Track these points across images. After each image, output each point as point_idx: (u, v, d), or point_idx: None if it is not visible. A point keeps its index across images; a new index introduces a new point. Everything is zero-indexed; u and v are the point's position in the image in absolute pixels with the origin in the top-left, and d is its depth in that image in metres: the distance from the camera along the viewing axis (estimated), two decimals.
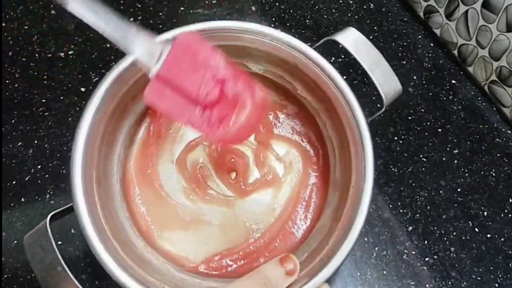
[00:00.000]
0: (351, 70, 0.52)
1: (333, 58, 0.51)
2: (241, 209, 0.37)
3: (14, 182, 0.44)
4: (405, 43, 0.56)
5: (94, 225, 0.29)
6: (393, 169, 0.46)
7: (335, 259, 0.27)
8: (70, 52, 0.52)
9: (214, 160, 0.39)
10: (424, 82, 0.53)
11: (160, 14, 0.58)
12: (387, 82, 0.33)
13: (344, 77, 0.33)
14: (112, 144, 0.37)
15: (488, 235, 0.43)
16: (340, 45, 0.34)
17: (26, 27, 0.54)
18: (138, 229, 0.36)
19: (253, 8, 0.59)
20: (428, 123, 0.50)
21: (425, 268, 0.41)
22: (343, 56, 0.50)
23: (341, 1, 0.60)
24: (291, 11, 0.59)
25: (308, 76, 0.35)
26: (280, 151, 0.40)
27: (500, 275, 0.41)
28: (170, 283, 0.31)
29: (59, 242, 0.40)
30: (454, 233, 0.43)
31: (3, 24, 0.54)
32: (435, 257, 0.42)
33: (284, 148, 0.40)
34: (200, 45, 0.24)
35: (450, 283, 0.40)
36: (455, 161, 0.47)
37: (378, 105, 0.34)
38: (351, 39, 0.34)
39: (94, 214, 0.30)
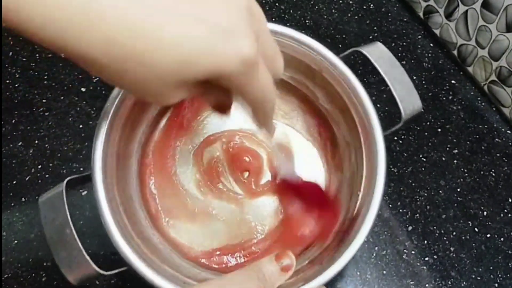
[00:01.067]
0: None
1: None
2: (249, 209, 0.38)
3: (14, 182, 0.44)
4: (404, 43, 0.56)
5: (107, 193, 0.30)
6: (392, 169, 0.46)
7: (336, 265, 0.28)
8: None
9: (230, 156, 0.40)
10: (423, 82, 0.53)
11: None
12: (408, 98, 0.34)
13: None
14: (136, 127, 0.37)
15: (488, 235, 0.43)
16: (363, 58, 0.35)
17: None
18: (147, 212, 0.36)
19: None
20: (428, 123, 0.50)
21: (424, 267, 0.41)
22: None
23: (341, 1, 0.60)
24: (291, 11, 0.59)
25: (331, 84, 0.35)
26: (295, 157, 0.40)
27: (499, 275, 0.41)
28: (170, 265, 0.31)
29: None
30: (454, 233, 0.43)
31: (4, 24, 0.54)
32: (435, 256, 0.42)
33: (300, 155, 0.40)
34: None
35: (449, 282, 0.40)
36: (455, 161, 0.47)
37: (397, 119, 0.34)
38: (377, 52, 0.35)
39: (108, 185, 0.30)
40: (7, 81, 0.50)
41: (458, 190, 0.45)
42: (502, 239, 0.43)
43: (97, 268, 0.28)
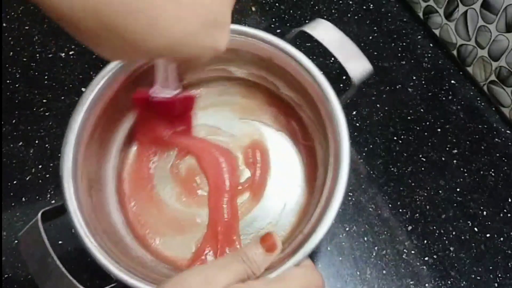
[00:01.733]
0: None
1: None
2: None
3: (14, 182, 0.44)
4: (404, 43, 0.56)
5: (85, 222, 0.30)
6: (392, 169, 0.46)
7: (316, 235, 0.28)
8: (70, 53, 0.52)
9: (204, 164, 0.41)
10: (423, 82, 0.53)
11: None
12: (354, 62, 0.34)
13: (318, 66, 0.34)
14: (106, 148, 0.38)
15: (488, 235, 0.43)
16: (309, 36, 0.35)
17: (27, 27, 0.54)
18: (134, 236, 0.36)
19: (253, 8, 0.59)
20: (428, 123, 0.50)
21: (424, 267, 0.41)
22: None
23: (340, 2, 0.60)
24: (291, 11, 0.59)
25: (285, 69, 0.36)
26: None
27: (499, 275, 0.41)
28: (160, 275, 0.32)
29: (60, 242, 0.41)
30: (454, 233, 0.43)
31: (4, 24, 0.54)
32: (435, 256, 0.42)
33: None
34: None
35: (449, 282, 0.40)
36: (455, 161, 0.47)
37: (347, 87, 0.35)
38: (320, 27, 0.36)
39: (84, 213, 0.30)
40: (7, 81, 0.50)
41: (458, 190, 0.45)
42: (501, 239, 0.43)
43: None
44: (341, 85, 0.43)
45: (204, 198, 0.39)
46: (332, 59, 0.51)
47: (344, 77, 0.36)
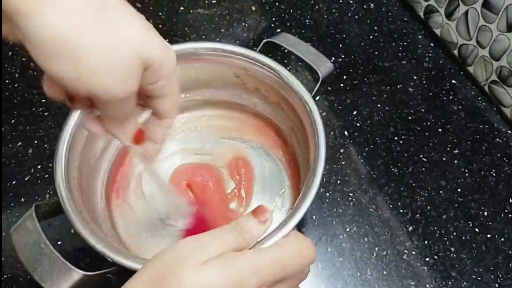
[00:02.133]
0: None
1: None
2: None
3: (14, 182, 0.44)
4: (405, 43, 0.56)
5: (74, 213, 0.30)
6: (393, 169, 0.46)
7: (302, 208, 0.30)
8: None
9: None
10: (424, 82, 0.53)
11: (160, 14, 0.58)
12: (319, 61, 0.39)
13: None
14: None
15: (488, 235, 0.43)
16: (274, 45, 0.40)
17: None
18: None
19: (253, 8, 0.59)
20: (428, 123, 0.50)
21: (425, 268, 0.41)
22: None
23: (341, 1, 0.60)
24: (291, 10, 0.59)
25: (260, 80, 0.39)
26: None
27: (500, 275, 0.41)
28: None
29: (59, 242, 0.40)
30: (454, 233, 0.43)
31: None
32: (435, 257, 0.41)
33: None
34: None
35: (450, 283, 0.40)
36: (455, 161, 0.47)
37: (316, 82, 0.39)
38: (284, 38, 0.41)
39: (77, 207, 0.31)
40: (7, 81, 0.50)
41: (459, 190, 0.45)
42: (502, 239, 0.43)
43: (79, 270, 0.28)
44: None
45: None
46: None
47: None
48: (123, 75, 0.20)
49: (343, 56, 0.53)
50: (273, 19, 0.58)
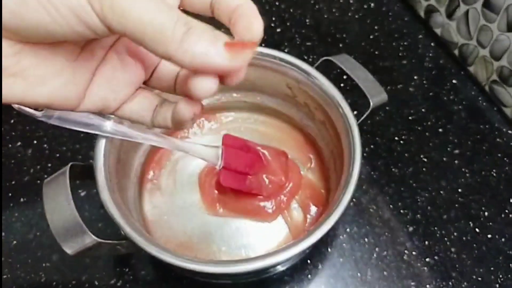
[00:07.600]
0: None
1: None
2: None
3: (13, 182, 0.44)
4: (405, 43, 0.56)
5: (107, 183, 0.31)
6: (393, 169, 0.46)
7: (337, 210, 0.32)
8: None
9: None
10: (424, 82, 0.53)
11: None
12: (374, 91, 0.39)
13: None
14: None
15: (489, 236, 0.43)
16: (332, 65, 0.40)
17: None
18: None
19: None
20: (429, 123, 0.50)
21: (425, 268, 0.41)
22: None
23: (341, 1, 0.60)
24: (291, 10, 0.59)
25: (308, 93, 0.39)
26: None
27: (500, 276, 0.41)
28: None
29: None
30: (455, 234, 0.43)
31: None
32: (436, 257, 0.41)
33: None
34: (238, 142, 0.38)
35: (450, 283, 0.40)
36: (456, 161, 0.47)
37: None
38: (344, 59, 0.40)
39: (109, 179, 0.32)
40: None
41: (459, 190, 0.45)
42: (503, 239, 0.43)
43: (92, 235, 0.28)
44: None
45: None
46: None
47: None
48: None
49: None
50: (273, 18, 0.58)
